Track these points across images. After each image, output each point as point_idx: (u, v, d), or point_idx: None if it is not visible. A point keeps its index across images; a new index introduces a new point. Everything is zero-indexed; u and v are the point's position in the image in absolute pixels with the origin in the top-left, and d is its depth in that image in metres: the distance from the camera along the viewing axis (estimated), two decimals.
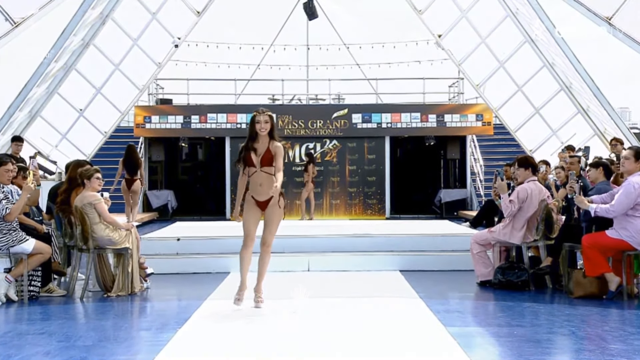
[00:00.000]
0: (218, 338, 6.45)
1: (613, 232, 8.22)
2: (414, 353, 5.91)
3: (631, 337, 6.54)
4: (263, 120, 7.28)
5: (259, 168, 7.28)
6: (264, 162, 7.29)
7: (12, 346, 6.35)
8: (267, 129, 7.29)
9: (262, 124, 7.28)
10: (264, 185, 7.23)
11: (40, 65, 15.78)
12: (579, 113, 17.92)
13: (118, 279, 8.73)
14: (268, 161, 7.29)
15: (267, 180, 7.23)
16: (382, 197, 20.06)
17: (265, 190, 7.22)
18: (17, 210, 8.23)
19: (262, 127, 7.27)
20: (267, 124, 7.30)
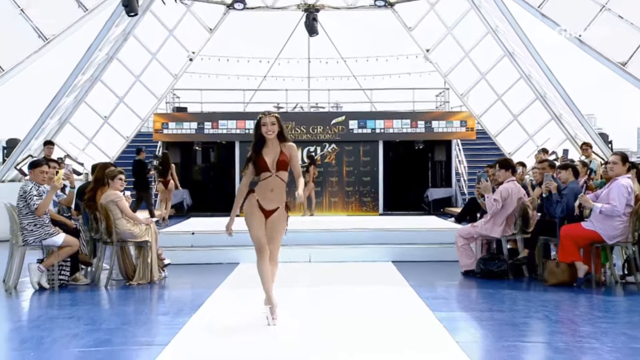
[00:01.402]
0: (229, 322, 6.45)
1: (589, 224, 8.32)
2: (404, 335, 5.92)
3: (599, 320, 6.58)
4: (269, 122, 6.06)
5: (275, 172, 6.05)
6: (280, 166, 6.06)
7: (44, 329, 6.38)
8: (274, 131, 6.06)
9: (268, 126, 6.05)
10: (275, 192, 6.08)
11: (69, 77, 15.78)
12: (552, 120, 17.93)
13: (139, 269, 8.75)
14: (284, 165, 6.08)
15: (278, 187, 6.09)
16: (375, 195, 20.07)
17: (275, 198, 6.09)
18: (45, 206, 8.25)
19: (268, 129, 6.04)
20: (274, 125, 6.06)
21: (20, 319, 6.99)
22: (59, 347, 5.69)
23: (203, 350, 5.46)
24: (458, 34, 19.22)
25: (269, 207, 6.09)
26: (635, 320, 6.53)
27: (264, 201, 6.08)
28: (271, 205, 6.09)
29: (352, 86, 23.30)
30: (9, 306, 7.51)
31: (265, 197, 6.07)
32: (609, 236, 8.25)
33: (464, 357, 5.13)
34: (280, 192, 6.09)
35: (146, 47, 18.65)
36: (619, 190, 8.13)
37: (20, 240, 8.31)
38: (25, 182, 8.87)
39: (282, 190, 6.10)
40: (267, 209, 6.09)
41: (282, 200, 6.12)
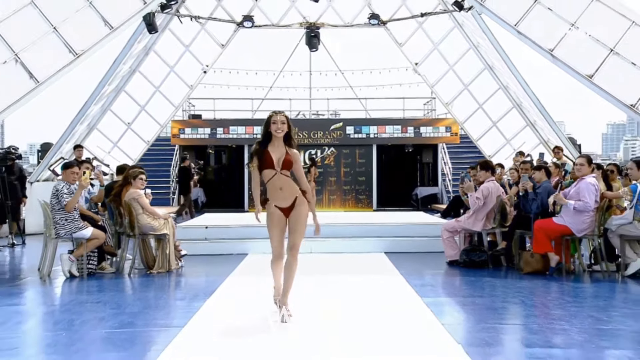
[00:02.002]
0: (239, 306, 6.47)
1: (560, 219, 8.38)
2: (396, 319, 5.93)
3: (568, 304, 6.59)
4: (280, 121, 5.56)
5: (279, 170, 5.54)
6: (285, 165, 5.56)
7: (74, 312, 6.40)
8: (283, 130, 5.56)
9: (278, 124, 5.55)
10: (285, 189, 5.57)
11: (96, 87, 15.82)
12: (527, 126, 17.94)
13: (158, 259, 8.77)
14: (288, 164, 5.57)
15: (287, 184, 5.58)
16: (370, 193, 20.07)
17: (287, 193, 5.58)
18: (73, 203, 8.27)
19: (278, 127, 5.54)
20: (284, 125, 5.56)
21: (53, 304, 7.00)
22: (87, 328, 5.71)
23: (216, 332, 5.46)
24: (443, 49, 19.25)
25: (286, 205, 5.59)
26: (601, 305, 6.54)
27: (280, 201, 5.59)
28: (286, 202, 5.59)
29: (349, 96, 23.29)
30: (43, 292, 7.53)
31: (278, 197, 5.58)
32: (578, 230, 8.30)
33: (449, 338, 5.14)
34: (289, 187, 5.58)
35: (165, 61, 18.67)
36: (588, 188, 8.20)
37: (53, 233, 8.33)
38: (57, 181, 8.90)
39: (290, 184, 5.60)
40: (285, 207, 5.59)
41: (295, 192, 5.61)
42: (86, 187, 8.68)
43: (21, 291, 7.57)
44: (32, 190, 13.70)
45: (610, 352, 4.86)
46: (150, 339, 5.30)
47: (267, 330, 5.34)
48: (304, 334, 5.23)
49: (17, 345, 5.22)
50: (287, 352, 4.71)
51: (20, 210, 12.89)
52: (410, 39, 19.52)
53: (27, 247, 11.96)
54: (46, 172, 14.84)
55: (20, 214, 12.91)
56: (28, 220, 13.50)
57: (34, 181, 14.33)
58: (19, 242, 12.28)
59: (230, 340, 5.09)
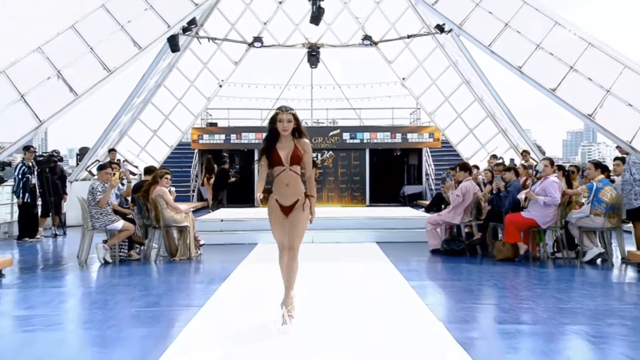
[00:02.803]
0: (250, 289, 6.49)
1: (527, 213, 8.43)
2: (386, 299, 5.95)
3: (534, 287, 6.61)
4: (286, 120, 4.76)
5: (288, 166, 4.80)
6: (293, 160, 4.81)
7: (108, 294, 6.42)
8: (290, 128, 4.79)
9: (284, 123, 4.76)
10: (291, 185, 4.81)
11: (127, 99, 15.83)
12: (499, 132, 17.93)
13: (180, 248, 8.78)
14: (297, 159, 4.82)
15: (293, 180, 4.83)
16: (363, 191, 20.05)
17: (292, 191, 4.82)
18: (105, 199, 8.31)
19: (284, 126, 4.76)
20: (291, 123, 4.78)
21: (90, 286, 7.02)
22: (119, 307, 5.73)
23: (230, 311, 5.48)
24: (427, 66, 19.23)
25: (287, 203, 4.83)
26: (562, 287, 6.56)
27: (282, 198, 4.83)
28: (289, 200, 4.82)
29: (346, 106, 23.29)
30: (81, 276, 7.54)
31: (282, 192, 4.82)
32: (543, 222, 8.33)
33: (432, 316, 5.15)
34: (295, 185, 4.82)
35: (186, 76, 18.65)
36: (552, 185, 8.26)
37: (89, 225, 8.35)
38: (93, 180, 8.91)
39: (297, 183, 4.83)
40: (285, 205, 4.83)
41: (299, 193, 4.84)
42: (115, 186, 8.70)
43: (62, 275, 7.59)
44: (71, 188, 13.71)
45: (570, 327, 4.87)
46: (173, 316, 5.32)
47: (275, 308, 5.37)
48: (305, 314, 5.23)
49: (60, 321, 5.25)
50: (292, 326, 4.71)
51: (61, 206, 12.91)
52: (398, 57, 19.50)
53: (67, 237, 11.98)
54: (84, 173, 14.85)
55: (61, 208, 12.92)
56: (68, 214, 13.52)
57: (73, 180, 14.34)
58: (61, 233, 12.29)
59: (242, 318, 5.11)
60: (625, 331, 4.77)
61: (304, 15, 17.99)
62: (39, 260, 9.01)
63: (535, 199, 8.27)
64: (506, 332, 4.73)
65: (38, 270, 7.97)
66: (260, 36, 18.51)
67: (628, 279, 7.15)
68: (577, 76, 8.68)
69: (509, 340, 4.51)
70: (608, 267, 7.87)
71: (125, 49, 8.98)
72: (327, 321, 5.01)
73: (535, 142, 17.29)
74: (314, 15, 12.21)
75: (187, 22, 11.50)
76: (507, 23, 9.12)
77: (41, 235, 11.66)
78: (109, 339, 4.63)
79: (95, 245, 8.44)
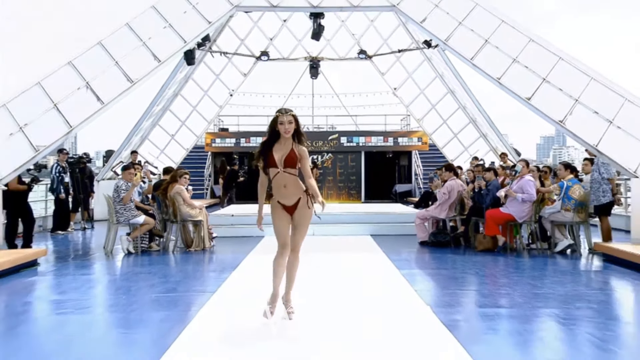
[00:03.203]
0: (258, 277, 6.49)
1: (505, 209, 8.44)
2: (379, 286, 5.96)
3: (511, 274, 6.62)
4: (287, 121, 4.31)
5: (282, 169, 4.34)
6: (287, 163, 4.35)
7: (131, 281, 6.43)
8: (291, 130, 4.34)
9: (285, 125, 4.31)
10: (289, 187, 4.36)
11: (148, 107, 15.87)
12: (480, 137, 17.93)
13: (195, 240, 8.79)
14: (292, 162, 4.36)
15: (291, 181, 4.36)
16: (359, 189, 20.06)
17: (290, 192, 4.38)
18: (128, 197, 8.35)
19: (286, 128, 4.32)
20: (292, 124, 4.33)
21: (115, 274, 7.04)
22: (141, 293, 5.75)
23: (240, 296, 5.50)
24: (416, 77, 19.22)
25: (289, 203, 4.41)
26: (536, 274, 6.57)
27: (283, 198, 4.40)
28: (291, 200, 4.40)
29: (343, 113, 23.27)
30: (107, 265, 7.56)
31: (282, 194, 4.39)
32: (519, 217, 8.35)
33: (420, 300, 5.17)
34: (294, 185, 4.38)
35: (200, 86, 18.66)
36: (528, 184, 8.29)
37: (114, 219, 8.37)
38: (117, 180, 8.93)
39: (295, 182, 4.38)
40: (288, 204, 4.41)
41: (299, 191, 4.40)
42: (137, 185, 8.72)
43: (91, 264, 7.60)
44: (98, 187, 13.73)
45: (543, 310, 4.89)
46: (189, 301, 5.33)
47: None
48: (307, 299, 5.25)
49: (89, 305, 5.27)
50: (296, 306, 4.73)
51: (89, 202, 12.92)
52: (390, 69, 19.49)
53: (95, 230, 12.00)
54: (109, 173, 14.86)
55: (89, 205, 12.93)
56: (96, 209, 13.54)
57: (100, 179, 14.35)
58: (89, 227, 12.32)
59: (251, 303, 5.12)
60: (591, 313, 4.78)
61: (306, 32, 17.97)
62: (70, 251, 9.03)
63: (514, 196, 8.29)
64: (486, 314, 4.74)
65: (69, 260, 7.99)
66: (266, 50, 18.52)
67: (594, 268, 7.16)
68: (549, 87, 8.68)
69: (489, 322, 4.53)
70: (577, 257, 7.88)
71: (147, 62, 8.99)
72: (326, 305, 5.03)
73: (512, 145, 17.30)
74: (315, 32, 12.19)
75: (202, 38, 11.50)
76: (487, 39, 9.12)
77: (72, 229, 11.70)
78: (132, 321, 4.65)
79: (119, 238, 8.46)
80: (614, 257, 7.38)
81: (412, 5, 9.62)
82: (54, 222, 11.42)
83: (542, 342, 4.11)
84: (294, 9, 10.19)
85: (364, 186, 20.08)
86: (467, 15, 9.41)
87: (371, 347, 3.85)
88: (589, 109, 8.45)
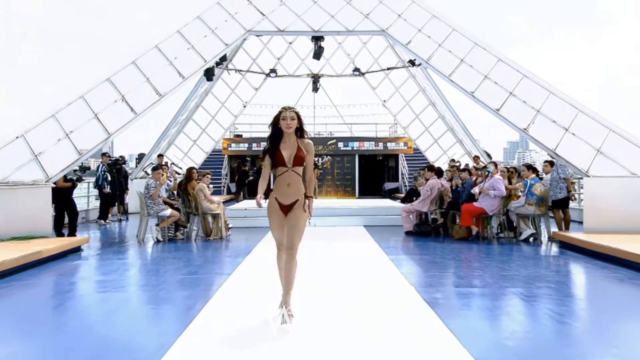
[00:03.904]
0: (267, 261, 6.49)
1: (478, 203, 8.46)
2: (370, 267, 5.97)
3: (484, 259, 6.62)
4: (289, 117, 3.79)
5: (291, 167, 3.78)
6: (296, 161, 3.79)
7: (160, 264, 6.44)
8: (293, 126, 3.79)
9: (288, 120, 3.78)
10: (292, 186, 3.79)
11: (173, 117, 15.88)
12: (457, 142, 17.93)
13: (214, 230, 8.80)
14: (300, 160, 3.79)
15: (295, 181, 3.80)
16: (353, 186, 20.02)
17: (292, 191, 3.79)
18: (156, 193, 8.36)
19: (288, 124, 3.78)
20: (294, 121, 3.79)
21: (146, 259, 7.05)
22: (168, 275, 5.76)
23: (252, 277, 5.51)
24: (402, 91, 19.21)
25: (287, 202, 3.81)
26: (504, 259, 6.58)
27: (282, 197, 3.81)
28: (289, 200, 3.81)
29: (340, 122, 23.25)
30: (139, 251, 7.57)
31: (283, 192, 3.80)
32: (490, 210, 8.34)
33: (405, 281, 5.18)
34: (296, 186, 3.80)
35: (218, 99, 18.65)
36: (498, 182, 8.29)
37: (145, 212, 8.38)
38: (148, 179, 8.93)
39: (298, 183, 3.81)
40: (285, 204, 3.82)
41: (299, 193, 3.81)
42: (164, 183, 8.73)
43: (125, 250, 7.62)
44: (132, 185, 13.73)
45: (509, 289, 4.90)
46: (209, 282, 5.34)
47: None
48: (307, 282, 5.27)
49: (124, 285, 5.29)
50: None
51: (124, 198, 12.95)
52: (380, 84, 19.49)
53: (129, 222, 12.01)
54: (141, 173, 14.87)
55: (125, 200, 12.97)
56: (130, 204, 13.55)
57: (133, 178, 14.35)
58: (124, 219, 12.35)
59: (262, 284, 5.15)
60: (550, 292, 4.80)
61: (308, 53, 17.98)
62: (108, 239, 9.05)
63: (487, 193, 8.30)
64: (462, 293, 4.76)
65: (107, 246, 8.01)
66: (275, 68, 18.51)
67: (552, 253, 7.18)
68: (514, 100, 8.68)
69: (464, 300, 4.55)
70: (538, 244, 7.90)
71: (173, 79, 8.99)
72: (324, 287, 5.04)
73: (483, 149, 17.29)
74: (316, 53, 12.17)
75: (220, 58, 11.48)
76: (462, 59, 9.11)
77: (110, 220, 11.72)
78: (161, 299, 4.66)
79: (150, 228, 8.48)
80: (569, 244, 7.39)
81: (398, 30, 9.62)
82: (100, 212, 11.60)
83: (508, 316, 4.12)
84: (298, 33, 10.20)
85: (358, 184, 20.06)
86: (445, 39, 9.41)
87: (363, 322, 3.86)
88: (548, 119, 8.46)
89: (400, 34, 9.57)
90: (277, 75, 18.44)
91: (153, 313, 4.27)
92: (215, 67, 14.16)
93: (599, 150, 8.15)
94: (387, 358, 3.12)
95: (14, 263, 5.72)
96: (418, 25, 9.58)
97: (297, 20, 9.83)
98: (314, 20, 9.87)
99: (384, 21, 9.68)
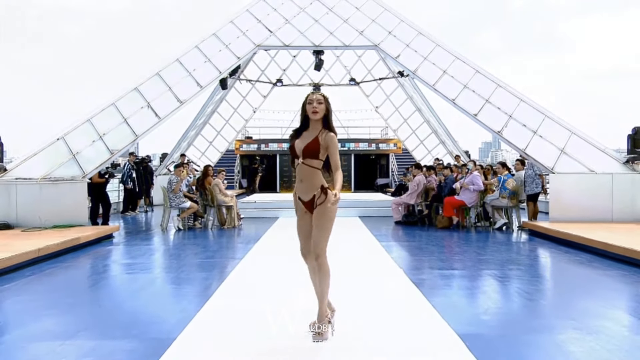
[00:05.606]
0: (275, 247, 6.53)
1: (459, 196, 8.42)
2: (364, 252, 5.98)
3: (464, 245, 6.63)
4: (316, 100, 2.87)
5: (302, 160, 2.86)
6: (306, 153, 2.84)
7: (180, 249, 6.45)
8: (321, 110, 2.86)
9: (314, 103, 2.86)
10: (304, 181, 2.87)
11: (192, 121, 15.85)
12: (440, 143, 17.91)
13: (227, 220, 8.81)
14: (311, 152, 2.83)
15: (307, 176, 2.86)
16: (349, 182, 20.04)
17: (306, 187, 2.88)
18: (177, 188, 8.36)
19: (314, 107, 2.85)
20: (321, 105, 2.87)
21: (168, 245, 7.07)
22: (189, 259, 5.77)
23: (261, 261, 5.53)
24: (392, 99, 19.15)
25: (305, 198, 2.91)
26: (481, 245, 6.59)
27: (300, 192, 2.93)
28: (306, 196, 2.90)
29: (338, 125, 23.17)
30: (163, 238, 7.59)
31: (299, 187, 2.93)
32: (469, 202, 8.36)
33: (394, 264, 5.20)
34: (309, 180, 2.87)
35: (231, 105, 18.61)
36: (477, 178, 8.30)
37: (168, 204, 8.39)
38: (170, 175, 8.94)
39: (311, 177, 2.86)
40: (305, 200, 2.92)
41: (314, 188, 2.87)
42: (185, 179, 8.74)
43: (151, 237, 7.64)
44: (156, 180, 13.72)
45: (485, 271, 4.92)
46: (223, 265, 5.35)
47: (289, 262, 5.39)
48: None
49: (150, 267, 5.30)
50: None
51: (150, 192, 12.97)
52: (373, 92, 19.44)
53: (154, 212, 12.02)
54: (164, 170, 14.86)
55: (150, 193, 12.98)
56: (155, 197, 13.56)
57: (157, 175, 14.32)
58: (150, 210, 12.37)
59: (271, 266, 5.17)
60: (520, 273, 4.81)
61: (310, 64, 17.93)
62: (136, 228, 9.07)
63: (467, 187, 8.31)
64: (444, 275, 4.77)
65: (136, 234, 8.02)
66: (281, 78, 18.45)
67: (522, 240, 7.19)
68: (490, 106, 8.68)
69: (446, 280, 4.56)
70: (510, 232, 7.91)
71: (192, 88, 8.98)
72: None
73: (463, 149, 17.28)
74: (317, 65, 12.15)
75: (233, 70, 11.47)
76: (444, 71, 9.10)
77: (138, 211, 11.74)
78: (182, 280, 4.68)
79: (172, 218, 8.48)
80: (537, 232, 7.41)
81: (389, 45, 9.61)
82: (124, 206, 11.56)
83: (484, 295, 4.14)
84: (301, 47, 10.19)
85: (354, 180, 20.07)
86: (430, 53, 9.39)
87: (357, 300, 3.88)
88: (519, 123, 8.46)
89: (391, 49, 9.55)
90: (283, 84, 18.39)
91: (175, 291, 4.30)
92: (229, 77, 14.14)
93: (563, 151, 8.17)
94: (378, 330, 3.14)
95: (56, 247, 5.81)
96: (406, 41, 9.56)
97: (300, 36, 9.81)
98: (315, 37, 9.85)
99: (377, 37, 9.66)
